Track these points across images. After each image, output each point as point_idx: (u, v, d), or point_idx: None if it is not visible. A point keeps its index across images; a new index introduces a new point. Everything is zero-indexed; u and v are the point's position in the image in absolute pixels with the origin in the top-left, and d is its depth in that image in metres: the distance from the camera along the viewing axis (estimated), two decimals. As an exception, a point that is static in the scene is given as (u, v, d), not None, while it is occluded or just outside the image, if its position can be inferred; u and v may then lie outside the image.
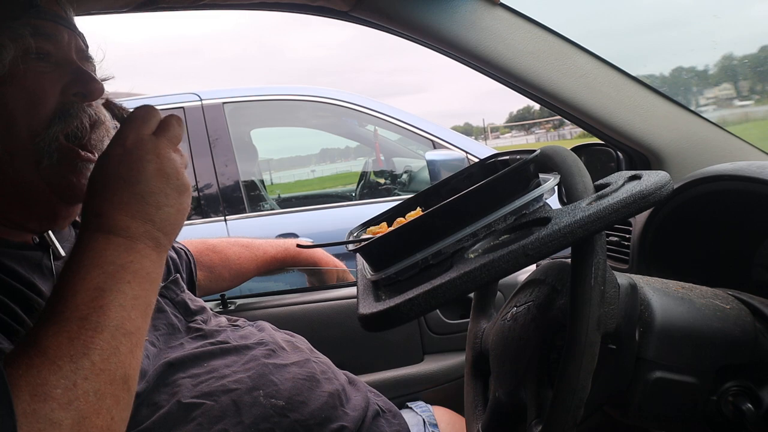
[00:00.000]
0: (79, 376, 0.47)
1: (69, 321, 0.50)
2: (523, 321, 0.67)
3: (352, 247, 0.63)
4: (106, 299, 0.53)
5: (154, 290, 0.58)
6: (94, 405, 0.47)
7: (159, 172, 0.60)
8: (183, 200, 0.62)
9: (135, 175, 0.59)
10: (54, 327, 0.50)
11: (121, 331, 0.52)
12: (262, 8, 1.15)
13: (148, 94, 3.24)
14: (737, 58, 17.67)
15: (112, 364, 0.50)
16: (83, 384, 0.47)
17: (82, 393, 0.47)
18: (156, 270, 0.59)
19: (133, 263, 0.56)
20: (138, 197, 0.58)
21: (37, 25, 0.73)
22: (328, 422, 0.84)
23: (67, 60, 0.76)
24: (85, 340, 0.49)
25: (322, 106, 3.11)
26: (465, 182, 0.75)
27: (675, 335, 0.60)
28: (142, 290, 0.55)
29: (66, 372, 0.47)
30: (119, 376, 0.50)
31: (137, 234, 0.58)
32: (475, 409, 0.79)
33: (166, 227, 0.60)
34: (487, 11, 1.03)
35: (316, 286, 1.48)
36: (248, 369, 0.85)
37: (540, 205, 0.58)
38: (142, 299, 0.55)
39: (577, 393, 0.52)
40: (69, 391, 0.46)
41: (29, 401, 0.45)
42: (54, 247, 0.78)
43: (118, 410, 0.49)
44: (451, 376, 1.39)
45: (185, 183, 0.62)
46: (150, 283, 0.57)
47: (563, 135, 24.51)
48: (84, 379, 0.47)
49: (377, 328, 0.51)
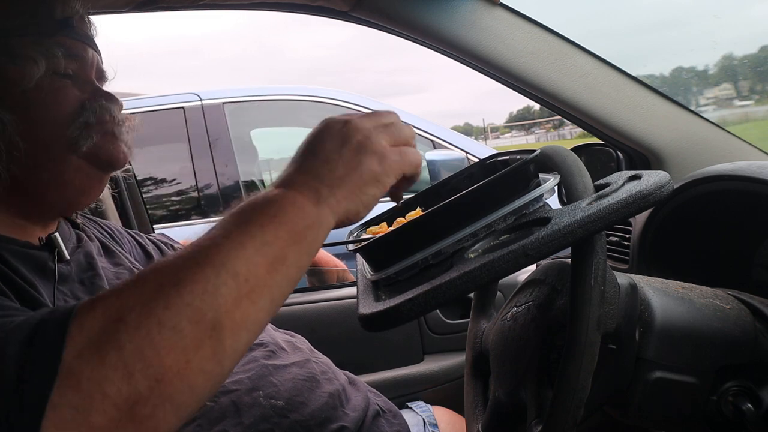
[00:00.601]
0: (159, 304, 0.41)
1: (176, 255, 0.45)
2: (523, 321, 0.67)
3: (352, 247, 0.63)
4: (224, 235, 0.46)
5: (295, 244, 0.47)
6: (168, 339, 0.40)
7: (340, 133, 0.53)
8: (358, 157, 0.52)
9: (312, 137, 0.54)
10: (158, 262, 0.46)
11: (230, 272, 0.43)
12: (262, 8, 1.15)
13: (148, 94, 3.25)
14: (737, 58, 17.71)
15: (204, 303, 0.42)
16: (161, 312, 0.41)
17: (156, 322, 0.40)
18: (303, 221, 0.48)
19: (271, 206, 0.48)
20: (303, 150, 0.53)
21: (68, 45, 0.76)
22: (328, 422, 0.84)
23: (87, 79, 0.79)
24: (180, 270, 0.43)
25: (322, 106, 3.11)
26: (465, 182, 0.75)
27: (675, 335, 0.60)
28: (276, 238, 0.46)
29: (146, 297, 0.42)
30: (208, 319, 0.42)
31: (290, 181, 0.50)
32: (475, 409, 0.79)
33: (328, 178, 0.51)
34: (487, 11, 1.03)
35: (316, 286, 1.48)
36: (248, 370, 0.85)
37: (540, 205, 0.58)
38: (273, 248, 0.46)
39: (577, 393, 0.52)
40: (142, 317, 0.40)
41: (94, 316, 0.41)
42: (59, 249, 0.78)
43: (197, 357, 0.41)
44: (451, 376, 1.39)
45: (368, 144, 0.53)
46: (291, 234, 0.47)
47: (563, 135, 24.52)
48: (164, 308, 0.41)
49: (377, 328, 0.50)
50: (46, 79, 0.73)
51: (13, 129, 0.71)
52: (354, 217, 0.52)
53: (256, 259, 0.45)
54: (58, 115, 0.75)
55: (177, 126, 2.95)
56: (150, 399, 0.39)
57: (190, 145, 2.94)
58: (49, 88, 0.74)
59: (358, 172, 0.51)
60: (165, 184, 3.04)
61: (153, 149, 2.96)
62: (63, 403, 0.38)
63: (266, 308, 0.46)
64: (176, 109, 2.97)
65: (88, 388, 0.38)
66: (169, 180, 3.03)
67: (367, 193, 0.52)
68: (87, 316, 0.41)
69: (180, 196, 3.02)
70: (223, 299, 0.43)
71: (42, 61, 0.73)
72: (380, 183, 0.52)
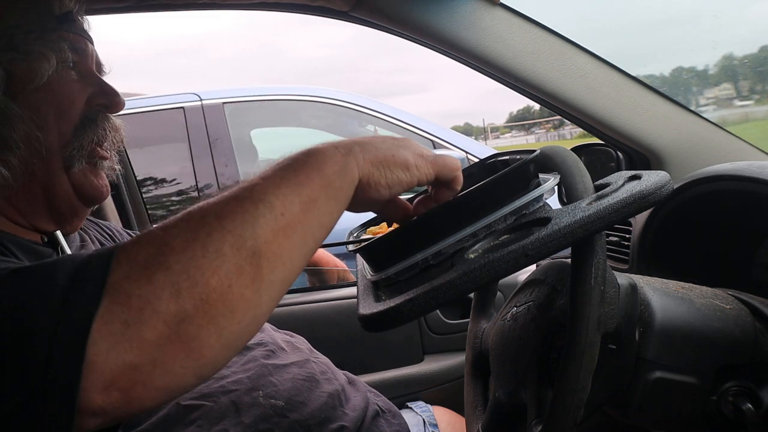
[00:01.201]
0: (203, 231, 0.44)
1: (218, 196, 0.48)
2: (523, 321, 0.67)
3: (352, 248, 0.63)
4: (263, 176, 0.49)
5: (325, 187, 0.50)
6: (212, 262, 0.43)
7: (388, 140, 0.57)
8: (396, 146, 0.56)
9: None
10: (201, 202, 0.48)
11: (267, 206, 0.46)
12: (262, 8, 1.15)
13: (148, 94, 3.25)
14: (737, 58, 17.65)
15: (245, 231, 0.44)
16: (205, 238, 0.43)
17: (201, 246, 0.43)
18: (332, 167, 0.51)
19: (308, 156, 0.51)
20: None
21: (70, 39, 0.78)
22: (328, 422, 0.84)
23: (90, 73, 0.81)
24: (222, 203, 0.46)
25: (322, 106, 3.11)
26: (465, 182, 0.75)
27: (675, 335, 0.60)
28: (308, 179, 0.49)
29: (191, 225, 0.44)
30: (249, 246, 0.44)
31: (329, 142, 0.54)
32: (475, 409, 0.79)
33: (362, 142, 0.55)
34: (486, 11, 1.03)
35: (316, 286, 1.48)
36: (247, 369, 0.85)
37: (540, 205, 0.58)
38: (306, 188, 0.49)
39: (577, 393, 0.52)
40: (188, 242, 0.43)
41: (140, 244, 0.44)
42: (62, 246, 0.79)
43: (238, 282, 0.43)
44: (451, 376, 1.39)
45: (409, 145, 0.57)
46: (321, 177, 0.50)
47: (563, 135, 24.52)
48: (207, 235, 0.44)
49: (377, 329, 0.50)
50: (55, 75, 0.74)
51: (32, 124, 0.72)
52: (375, 184, 0.54)
53: (291, 197, 0.48)
54: (66, 116, 0.76)
55: (177, 126, 2.95)
56: (195, 318, 0.41)
57: (190, 145, 2.94)
58: (58, 84, 0.75)
59: (391, 152, 0.55)
60: (165, 184, 3.04)
61: (153, 149, 2.96)
62: (113, 319, 0.40)
63: (299, 246, 0.48)
64: (176, 109, 2.97)
65: (138, 305, 0.40)
66: (169, 180, 3.03)
67: (394, 172, 0.54)
68: (133, 247, 0.44)
69: (180, 196, 3.02)
70: (261, 229, 0.45)
71: (52, 56, 0.74)
72: (410, 171, 0.55)
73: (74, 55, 0.78)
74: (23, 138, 0.72)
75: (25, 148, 0.72)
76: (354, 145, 0.54)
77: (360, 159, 0.53)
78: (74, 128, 0.77)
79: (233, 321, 0.43)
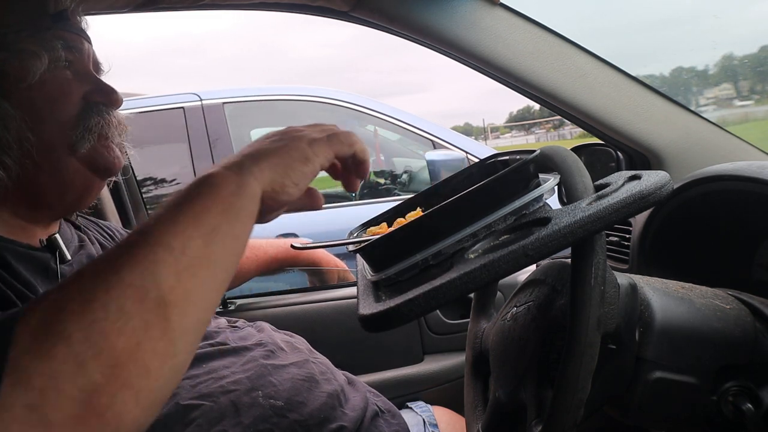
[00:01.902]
0: (100, 288, 0.40)
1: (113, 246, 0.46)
2: (523, 321, 0.67)
3: (352, 248, 0.63)
4: (157, 216, 0.46)
5: (224, 213, 0.48)
6: (115, 322, 0.39)
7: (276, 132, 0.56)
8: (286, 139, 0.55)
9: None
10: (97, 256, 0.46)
11: (165, 248, 0.43)
12: (262, 8, 1.15)
13: (148, 94, 3.25)
14: (737, 58, 17.65)
15: (145, 281, 0.41)
16: (103, 296, 0.40)
17: (100, 306, 0.39)
18: (227, 189, 0.49)
19: (199, 186, 0.49)
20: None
21: (65, 38, 0.78)
22: (327, 422, 0.84)
23: (86, 71, 0.81)
24: (117, 254, 0.43)
25: (322, 106, 3.11)
26: (465, 182, 0.75)
27: (675, 335, 0.60)
28: (205, 209, 0.47)
29: (85, 284, 0.41)
30: (152, 297, 0.41)
31: (217, 165, 0.51)
32: (475, 409, 0.79)
33: (252, 153, 0.52)
34: (487, 11, 1.03)
35: (316, 286, 1.48)
36: (247, 370, 0.85)
37: (540, 205, 0.58)
38: (204, 219, 0.46)
39: (577, 393, 0.52)
40: (86, 303, 0.39)
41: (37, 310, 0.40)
42: (61, 250, 0.78)
43: (147, 337, 0.40)
44: (451, 376, 1.39)
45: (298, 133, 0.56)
46: (218, 203, 0.47)
47: (563, 135, 24.51)
48: (105, 292, 0.40)
49: (377, 329, 0.50)
50: (48, 73, 0.74)
51: (24, 125, 0.72)
52: (280, 188, 0.52)
53: (190, 233, 0.45)
54: (62, 110, 0.76)
55: (177, 126, 2.94)
56: (107, 387, 0.38)
57: (190, 145, 2.94)
58: (52, 82, 0.75)
59: (284, 149, 0.53)
60: (165, 184, 3.03)
61: (153, 149, 2.96)
62: (15, 403, 0.36)
63: (209, 281, 0.45)
64: (176, 109, 2.97)
65: (40, 384, 0.37)
66: (169, 180, 3.03)
67: (295, 168, 0.53)
68: (31, 313, 0.40)
69: (180, 197, 3.01)
70: (162, 276, 0.42)
71: (44, 54, 0.74)
72: (309, 161, 0.53)
73: (69, 54, 0.78)
74: (16, 139, 0.72)
75: (18, 149, 0.72)
76: (244, 159, 0.51)
77: (255, 170, 0.51)
78: (76, 115, 0.77)
79: (149, 380, 0.40)
